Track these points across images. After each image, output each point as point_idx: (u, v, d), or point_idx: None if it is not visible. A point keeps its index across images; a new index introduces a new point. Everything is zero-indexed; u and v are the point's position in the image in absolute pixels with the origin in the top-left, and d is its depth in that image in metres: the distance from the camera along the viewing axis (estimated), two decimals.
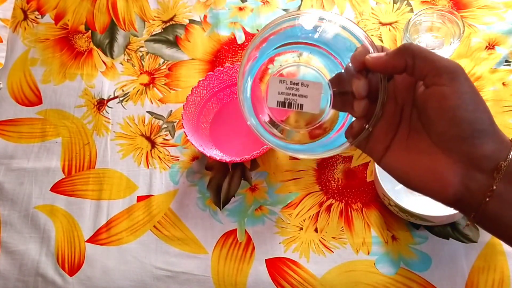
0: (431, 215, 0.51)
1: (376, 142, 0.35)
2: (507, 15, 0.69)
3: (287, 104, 0.34)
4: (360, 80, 0.33)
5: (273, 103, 0.34)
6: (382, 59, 0.32)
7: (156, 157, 0.66)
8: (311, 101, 0.34)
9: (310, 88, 0.34)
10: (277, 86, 0.34)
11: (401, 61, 0.31)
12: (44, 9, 0.82)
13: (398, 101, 0.34)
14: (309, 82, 0.34)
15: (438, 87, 0.30)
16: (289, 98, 0.34)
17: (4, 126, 0.71)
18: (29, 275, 0.59)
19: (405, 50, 0.31)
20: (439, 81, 0.30)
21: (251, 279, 0.56)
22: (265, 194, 0.61)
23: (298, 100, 0.34)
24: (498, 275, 0.53)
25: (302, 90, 0.34)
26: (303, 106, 0.34)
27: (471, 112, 0.30)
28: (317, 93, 0.34)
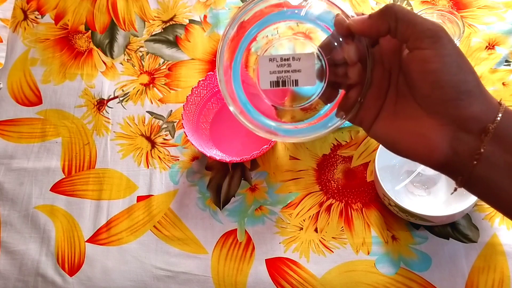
0: (431, 215, 0.51)
1: (366, 111, 0.34)
2: (507, 15, 0.69)
3: (281, 82, 0.33)
4: (349, 44, 0.32)
5: (266, 84, 0.33)
6: (366, 22, 0.31)
7: (156, 157, 0.66)
8: (305, 74, 0.32)
9: (303, 60, 0.32)
10: (267, 65, 0.32)
11: (384, 23, 0.30)
12: (44, 9, 0.82)
13: (385, 65, 0.34)
14: (301, 54, 0.32)
15: (420, 51, 0.30)
16: (282, 76, 0.32)
17: (4, 126, 0.71)
18: (29, 275, 0.59)
19: (388, 12, 0.30)
20: (421, 45, 0.30)
21: (251, 279, 0.56)
22: (265, 194, 0.61)
23: (292, 76, 0.32)
24: (498, 275, 0.53)
25: (295, 64, 0.32)
26: (298, 81, 0.33)
27: (454, 74, 0.29)
28: (310, 65, 0.32)
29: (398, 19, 0.30)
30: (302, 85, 0.33)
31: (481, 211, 0.56)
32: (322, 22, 0.34)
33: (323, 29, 0.34)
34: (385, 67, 0.34)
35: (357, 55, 0.32)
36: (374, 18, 0.31)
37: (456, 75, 0.29)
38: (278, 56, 0.32)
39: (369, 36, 0.32)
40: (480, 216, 0.56)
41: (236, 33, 0.34)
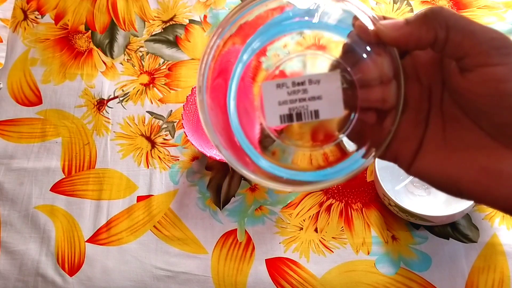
0: (431, 215, 0.51)
1: (402, 143, 0.26)
2: (507, 15, 0.69)
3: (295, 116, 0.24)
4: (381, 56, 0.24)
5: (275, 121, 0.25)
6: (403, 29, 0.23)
7: (156, 157, 0.66)
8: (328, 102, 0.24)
9: (323, 83, 0.24)
10: (275, 94, 0.24)
11: (430, 32, 0.23)
12: (44, 9, 0.82)
13: (423, 81, 0.26)
14: (320, 75, 0.24)
15: (489, 68, 0.22)
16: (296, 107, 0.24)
17: (4, 126, 0.71)
18: (29, 275, 0.59)
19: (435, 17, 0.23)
20: (488, 61, 0.22)
21: (251, 279, 0.56)
22: (265, 194, 0.61)
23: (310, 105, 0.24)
24: (498, 275, 0.53)
25: (312, 89, 0.24)
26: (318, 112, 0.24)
27: None
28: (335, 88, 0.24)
29: (449, 27, 0.23)
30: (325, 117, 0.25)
31: (481, 211, 0.56)
32: (340, 29, 0.26)
33: (341, 37, 0.26)
34: (423, 84, 0.26)
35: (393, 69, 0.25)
36: (414, 25, 0.23)
37: None
38: (289, 80, 0.24)
39: (404, 47, 0.25)
40: (480, 216, 0.56)
41: (228, 46, 0.26)
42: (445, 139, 0.26)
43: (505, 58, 0.22)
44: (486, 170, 0.24)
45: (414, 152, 0.26)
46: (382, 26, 0.24)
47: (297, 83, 0.24)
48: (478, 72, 0.23)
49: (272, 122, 0.25)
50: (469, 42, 0.22)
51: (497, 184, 0.24)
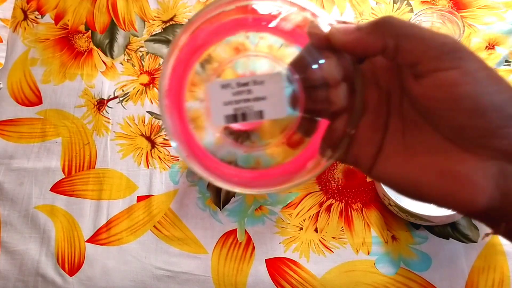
0: (431, 215, 0.51)
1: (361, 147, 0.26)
2: (507, 15, 0.69)
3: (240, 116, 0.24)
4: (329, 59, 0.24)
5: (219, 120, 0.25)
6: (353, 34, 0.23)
7: (156, 157, 0.66)
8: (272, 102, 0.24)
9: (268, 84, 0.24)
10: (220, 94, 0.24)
11: (378, 40, 0.23)
12: (44, 9, 0.82)
13: (382, 86, 0.27)
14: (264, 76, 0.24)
15: (441, 73, 0.23)
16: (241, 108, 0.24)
17: (4, 126, 0.71)
18: (29, 275, 0.59)
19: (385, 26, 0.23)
20: (440, 66, 0.23)
21: (251, 279, 0.56)
22: (265, 194, 0.61)
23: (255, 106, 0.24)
24: (498, 275, 0.53)
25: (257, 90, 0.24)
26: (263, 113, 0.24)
27: (494, 94, 0.22)
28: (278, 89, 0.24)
29: (399, 35, 0.23)
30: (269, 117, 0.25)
31: None
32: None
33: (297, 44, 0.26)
34: (382, 88, 0.27)
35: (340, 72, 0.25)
36: (364, 31, 0.23)
37: (497, 94, 0.22)
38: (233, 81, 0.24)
39: (353, 52, 0.25)
40: None
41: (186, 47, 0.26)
42: (405, 143, 0.26)
43: (456, 62, 0.22)
44: (445, 174, 0.24)
45: (374, 156, 0.26)
46: (334, 30, 0.24)
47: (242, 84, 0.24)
48: (431, 78, 0.23)
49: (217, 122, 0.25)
50: (420, 49, 0.23)
51: (456, 187, 0.24)
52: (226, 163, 0.28)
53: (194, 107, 0.26)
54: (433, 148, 0.25)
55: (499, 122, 0.22)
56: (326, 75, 0.25)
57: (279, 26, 0.26)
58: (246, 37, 0.26)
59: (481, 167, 0.23)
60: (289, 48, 0.26)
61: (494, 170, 0.23)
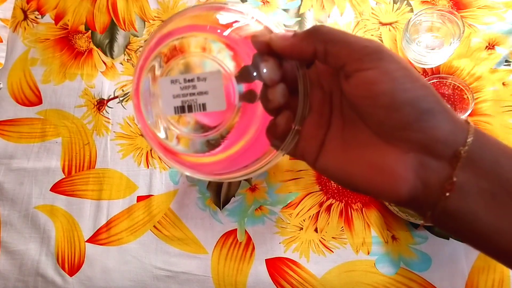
0: None
1: (307, 142, 0.29)
2: (507, 15, 0.69)
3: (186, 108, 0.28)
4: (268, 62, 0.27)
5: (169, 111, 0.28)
6: (288, 40, 0.27)
7: (156, 157, 0.66)
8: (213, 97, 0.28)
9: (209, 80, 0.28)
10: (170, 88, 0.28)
11: (309, 46, 0.26)
12: (44, 9, 0.82)
13: (325, 88, 0.29)
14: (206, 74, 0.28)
15: (363, 73, 0.25)
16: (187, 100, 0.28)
17: (4, 126, 0.71)
18: (29, 275, 0.59)
19: (314, 33, 0.26)
20: (361, 66, 0.25)
21: (251, 279, 0.56)
22: (265, 194, 0.61)
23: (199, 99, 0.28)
24: (498, 275, 0.53)
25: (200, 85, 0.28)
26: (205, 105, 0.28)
27: (409, 91, 0.25)
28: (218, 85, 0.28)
29: (327, 41, 0.26)
30: (211, 109, 0.28)
31: None
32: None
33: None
34: (325, 90, 0.29)
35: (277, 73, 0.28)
36: (298, 38, 0.27)
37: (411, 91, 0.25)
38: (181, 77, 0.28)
39: (291, 58, 0.28)
40: None
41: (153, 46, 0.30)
42: (343, 139, 0.29)
43: (376, 63, 0.25)
44: (372, 166, 0.27)
45: (317, 150, 0.29)
46: (273, 36, 0.27)
47: (188, 80, 0.28)
48: (354, 77, 0.26)
49: (168, 112, 0.29)
50: (344, 52, 0.26)
51: (381, 178, 0.26)
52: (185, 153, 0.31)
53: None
54: (364, 142, 0.27)
55: (413, 117, 0.25)
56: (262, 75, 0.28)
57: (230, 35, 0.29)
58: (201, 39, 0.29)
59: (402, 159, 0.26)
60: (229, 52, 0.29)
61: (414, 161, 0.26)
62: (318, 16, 0.74)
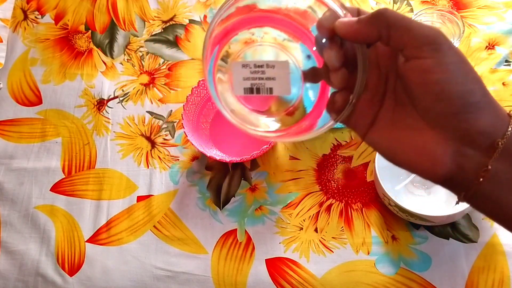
0: (431, 215, 0.51)
1: (360, 116, 0.32)
2: (507, 15, 0.69)
3: (255, 89, 0.31)
4: (331, 50, 0.29)
5: (239, 91, 0.31)
6: (354, 26, 0.28)
7: (156, 157, 0.66)
8: (280, 83, 0.31)
9: (277, 68, 0.31)
10: (241, 71, 0.31)
11: (374, 30, 0.28)
12: (44, 9, 0.82)
13: (382, 69, 0.31)
14: (275, 62, 0.31)
15: (420, 60, 0.27)
16: (256, 83, 0.31)
17: (4, 126, 0.71)
18: (29, 275, 0.59)
19: (378, 18, 0.27)
20: (420, 54, 0.27)
21: (251, 279, 0.56)
22: (265, 194, 0.61)
23: (266, 83, 0.31)
24: (498, 275, 0.53)
25: (269, 72, 0.31)
26: (272, 89, 0.31)
27: (460, 84, 0.27)
28: (285, 73, 0.31)
29: (390, 25, 0.27)
30: (277, 93, 0.31)
31: None
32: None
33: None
34: (381, 71, 0.31)
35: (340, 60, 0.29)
36: (362, 23, 0.28)
37: (462, 85, 0.27)
38: (251, 63, 0.31)
39: (356, 42, 0.29)
40: (480, 216, 0.56)
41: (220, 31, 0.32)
42: (393, 119, 0.31)
43: (433, 53, 0.27)
44: (415, 147, 0.29)
45: (368, 125, 0.31)
46: (338, 23, 0.29)
47: (258, 66, 0.31)
48: (412, 62, 0.28)
49: (238, 92, 0.32)
50: (406, 38, 0.27)
51: (421, 159, 0.29)
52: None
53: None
54: (411, 125, 0.30)
55: (460, 108, 0.27)
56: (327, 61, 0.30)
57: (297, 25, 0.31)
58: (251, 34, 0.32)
59: (442, 144, 0.28)
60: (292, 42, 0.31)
61: (453, 147, 0.28)
62: None
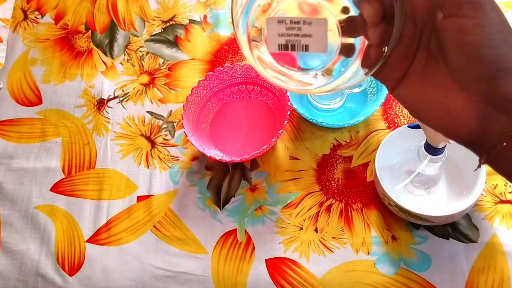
0: (431, 215, 0.51)
1: (391, 69, 0.31)
2: (507, 15, 0.69)
3: (290, 46, 0.31)
4: (371, 4, 0.29)
5: (274, 47, 0.31)
6: None
7: (156, 157, 0.66)
8: (316, 40, 0.30)
9: (314, 25, 0.30)
10: (276, 27, 0.30)
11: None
12: (44, 9, 0.82)
13: (417, 23, 0.30)
14: (312, 19, 0.30)
15: (458, 19, 0.27)
16: (291, 40, 0.30)
17: (4, 126, 0.71)
18: (29, 275, 0.59)
19: None
20: (458, 12, 0.26)
21: (251, 279, 0.56)
22: (265, 194, 0.61)
23: (302, 40, 0.30)
24: (498, 275, 0.53)
25: (305, 28, 0.30)
26: (308, 47, 0.30)
27: (495, 48, 0.26)
28: (322, 30, 0.30)
29: None
30: (313, 51, 0.31)
31: (481, 211, 0.56)
32: None
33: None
34: (417, 25, 0.30)
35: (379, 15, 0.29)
36: None
37: (497, 49, 0.26)
38: (287, 19, 0.30)
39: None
40: (480, 216, 0.56)
41: None
42: (424, 75, 0.31)
43: (472, 13, 0.26)
44: (442, 106, 0.30)
45: (398, 79, 0.31)
46: None
47: (294, 22, 0.30)
48: (450, 20, 0.27)
49: (272, 48, 0.31)
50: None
51: (447, 118, 0.30)
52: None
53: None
54: (439, 83, 0.30)
55: (492, 72, 0.27)
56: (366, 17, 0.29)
57: None
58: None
59: (470, 106, 0.29)
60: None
61: (480, 111, 0.28)
62: None
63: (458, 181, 0.56)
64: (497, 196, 0.57)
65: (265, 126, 0.66)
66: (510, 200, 0.57)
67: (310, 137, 0.64)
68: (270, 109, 0.67)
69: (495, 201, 0.57)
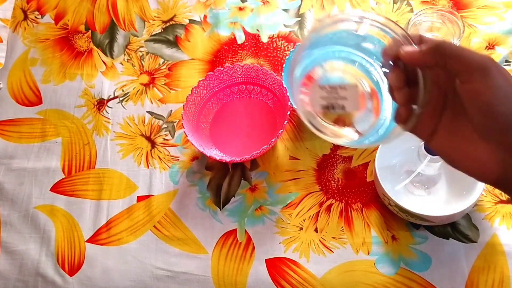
0: (431, 215, 0.51)
1: (422, 126, 0.37)
2: (507, 15, 0.69)
3: (330, 106, 0.38)
4: (393, 73, 0.36)
5: (318, 107, 0.38)
6: (415, 55, 0.34)
7: (156, 157, 0.66)
8: (351, 101, 0.38)
9: (348, 90, 0.38)
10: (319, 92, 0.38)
11: (433, 59, 0.33)
12: (44, 9, 0.82)
13: (441, 87, 0.36)
14: (346, 85, 0.38)
15: (471, 84, 0.32)
16: (331, 102, 0.38)
17: (4, 126, 0.71)
18: (29, 275, 0.59)
19: (438, 50, 0.33)
20: (471, 79, 0.32)
21: (251, 279, 0.56)
22: (265, 194, 0.61)
23: (339, 102, 0.38)
24: (498, 275, 0.53)
25: (341, 92, 0.38)
26: (344, 107, 0.38)
27: (504, 105, 0.32)
28: (355, 94, 0.38)
29: (447, 56, 0.32)
30: (349, 110, 0.38)
31: (481, 211, 0.56)
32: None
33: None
34: (441, 88, 0.36)
35: (402, 82, 0.35)
36: (423, 54, 0.33)
37: (506, 106, 0.32)
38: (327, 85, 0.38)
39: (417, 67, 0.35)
40: (480, 216, 0.56)
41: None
42: (452, 129, 0.36)
43: (481, 78, 0.31)
44: (469, 155, 0.35)
45: (430, 134, 0.37)
46: (403, 52, 0.35)
47: (332, 87, 0.38)
48: (466, 86, 0.33)
49: (316, 108, 0.38)
50: (460, 65, 0.32)
51: (475, 165, 0.35)
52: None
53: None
54: (465, 136, 0.35)
55: (504, 125, 0.32)
56: (390, 82, 0.36)
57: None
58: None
59: (492, 153, 0.34)
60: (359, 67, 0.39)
61: (500, 156, 0.33)
62: (318, 16, 0.74)
63: (458, 181, 0.56)
64: (497, 196, 0.57)
65: (265, 126, 0.66)
66: (510, 200, 0.57)
67: (310, 137, 0.64)
68: (270, 109, 0.67)
69: (495, 201, 0.57)
